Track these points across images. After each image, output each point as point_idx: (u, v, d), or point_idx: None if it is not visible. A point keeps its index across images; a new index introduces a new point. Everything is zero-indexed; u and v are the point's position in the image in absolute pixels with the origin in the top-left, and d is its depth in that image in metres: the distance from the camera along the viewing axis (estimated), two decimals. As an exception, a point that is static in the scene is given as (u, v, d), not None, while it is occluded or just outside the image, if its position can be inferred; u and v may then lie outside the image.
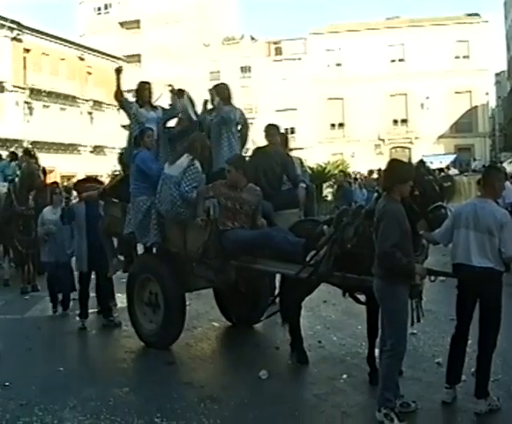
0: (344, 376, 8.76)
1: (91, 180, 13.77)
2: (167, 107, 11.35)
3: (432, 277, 7.52)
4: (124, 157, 11.65)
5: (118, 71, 11.41)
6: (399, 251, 6.74)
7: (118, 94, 11.27)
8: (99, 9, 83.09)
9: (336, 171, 32.45)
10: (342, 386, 8.50)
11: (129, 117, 11.24)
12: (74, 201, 13.13)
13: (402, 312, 7.01)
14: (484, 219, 7.28)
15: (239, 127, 11.10)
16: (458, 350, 7.64)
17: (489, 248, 7.24)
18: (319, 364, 9.45)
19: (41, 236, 13.33)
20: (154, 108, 11.25)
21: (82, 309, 12.28)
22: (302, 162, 12.47)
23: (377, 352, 8.54)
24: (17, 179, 17.36)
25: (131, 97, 11.45)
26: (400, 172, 7.13)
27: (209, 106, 11.17)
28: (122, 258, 11.90)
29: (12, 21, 57.63)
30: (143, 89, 11.34)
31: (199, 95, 11.37)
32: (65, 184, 16.96)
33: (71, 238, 12.66)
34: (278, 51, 75.15)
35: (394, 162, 7.66)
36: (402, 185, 6.99)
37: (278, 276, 10.53)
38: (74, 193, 15.51)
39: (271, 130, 11.13)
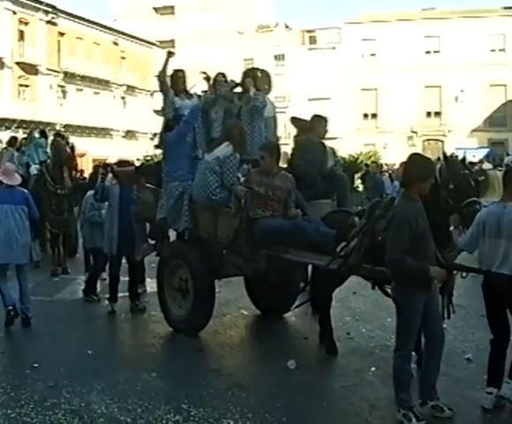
0: (373, 369, 8.72)
1: (126, 163, 13.76)
2: (201, 94, 11.30)
3: (464, 273, 7.42)
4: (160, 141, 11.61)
5: (170, 53, 11.29)
6: (410, 256, 6.51)
7: (162, 75, 11.17)
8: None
9: (369, 162, 32.32)
10: (371, 379, 8.45)
11: (165, 101, 11.16)
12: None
13: (414, 320, 6.82)
14: (509, 225, 7.02)
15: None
16: (497, 353, 7.44)
17: None
18: (347, 356, 9.40)
19: (83, 222, 13.28)
20: (190, 95, 11.20)
21: (112, 293, 12.34)
22: (334, 152, 12.41)
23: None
24: (48, 160, 17.46)
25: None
26: (420, 169, 6.80)
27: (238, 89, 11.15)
28: (152, 242, 11.90)
29: (47, 5, 58.10)
30: (177, 77, 11.26)
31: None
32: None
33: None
34: (312, 40, 74.85)
35: (414, 157, 7.25)
36: (421, 183, 6.71)
37: (310, 266, 10.49)
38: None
39: (320, 121, 11.04)
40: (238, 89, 11.30)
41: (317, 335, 9.78)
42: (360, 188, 30.96)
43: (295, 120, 11.89)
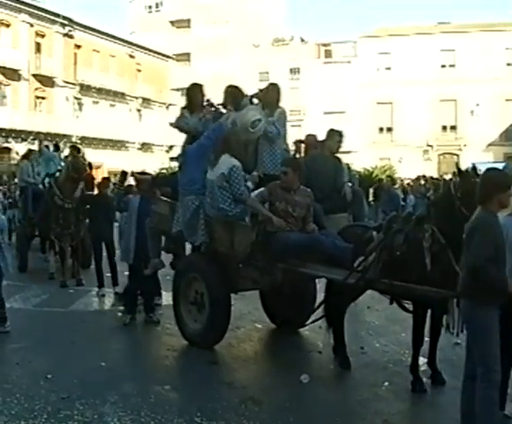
0: (386, 383, 8.69)
1: (146, 175, 13.82)
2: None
3: None
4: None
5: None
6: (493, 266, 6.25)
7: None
8: (150, 7, 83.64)
9: (384, 176, 32.20)
10: (384, 393, 8.42)
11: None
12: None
13: (493, 334, 6.38)
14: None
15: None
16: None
17: None
18: (361, 370, 9.37)
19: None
20: (204, 109, 11.19)
21: (127, 304, 12.36)
22: (349, 167, 12.39)
23: (421, 360, 8.50)
24: (58, 174, 17.51)
25: (179, 96, 11.44)
26: (498, 180, 6.56)
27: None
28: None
29: (64, 17, 58.46)
30: (195, 92, 11.27)
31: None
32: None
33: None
34: (328, 54, 74.91)
35: (489, 172, 6.88)
36: (501, 195, 6.46)
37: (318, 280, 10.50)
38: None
39: (335, 134, 11.02)
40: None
41: (330, 349, 9.76)
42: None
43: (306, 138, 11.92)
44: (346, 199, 10.43)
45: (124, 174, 15.58)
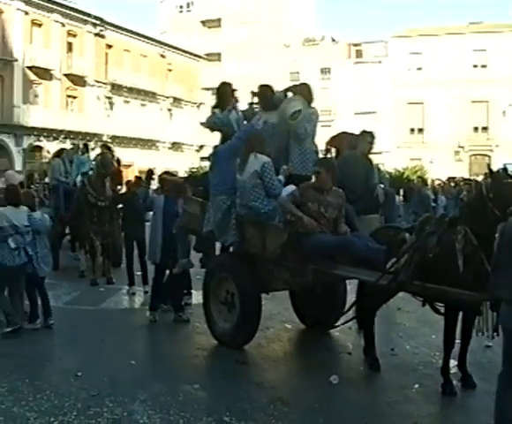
0: (416, 386, 8.63)
1: (171, 175, 13.86)
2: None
3: None
4: None
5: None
6: None
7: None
8: (181, 7, 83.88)
9: (415, 177, 32.05)
10: (414, 395, 8.36)
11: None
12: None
13: None
14: None
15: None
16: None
17: None
18: (391, 372, 9.31)
19: None
20: (235, 107, 11.20)
21: (153, 302, 12.46)
22: (379, 169, 12.32)
23: (452, 362, 8.43)
24: (91, 172, 17.65)
25: (210, 95, 11.49)
26: None
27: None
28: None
29: (96, 17, 58.84)
30: (225, 90, 11.27)
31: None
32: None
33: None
34: (359, 54, 74.64)
35: None
36: None
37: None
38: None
39: (368, 136, 10.96)
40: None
41: (360, 350, 9.71)
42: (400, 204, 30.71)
43: (334, 138, 11.86)
44: (378, 200, 10.36)
45: (150, 172, 15.64)
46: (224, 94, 11.14)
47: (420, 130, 70.52)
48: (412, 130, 70.76)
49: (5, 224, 11.07)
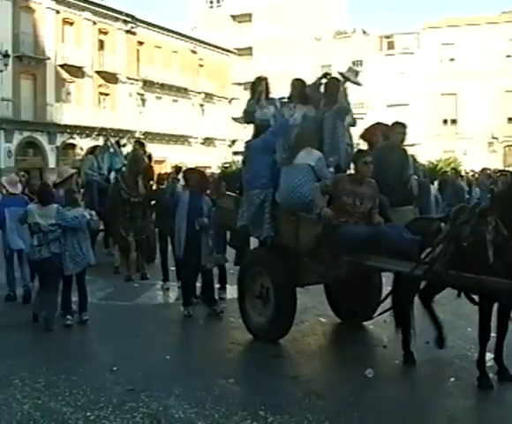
0: (452, 379, 8.57)
1: (198, 172, 13.89)
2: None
3: None
4: None
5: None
6: None
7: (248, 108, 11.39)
8: (211, 2, 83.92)
9: (448, 169, 31.80)
10: (450, 389, 8.30)
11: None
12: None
13: None
14: None
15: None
16: None
17: None
18: (426, 365, 9.26)
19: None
20: (271, 100, 11.19)
21: (184, 297, 12.57)
22: (415, 159, 12.22)
23: (488, 355, 8.35)
24: (124, 168, 17.79)
25: (241, 90, 11.52)
26: None
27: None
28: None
29: (127, 14, 59.12)
30: (261, 84, 11.27)
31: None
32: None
33: None
34: (390, 45, 74.19)
35: None
36: None
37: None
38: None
39: (399, 127, 10.89)
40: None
41: (395, 343, 9.63)
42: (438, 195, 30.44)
43: (367, 130, 11.80)
44: (412, 192, 10.28)
45: (178, 168, 15.73)
46: (259, 88, 11.18)
47: (453, 121, 69.92)
48: (445, 121, 70.19)
49: (32, 222, 11.51)
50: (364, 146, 11.61)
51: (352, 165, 10.12)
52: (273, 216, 10.13)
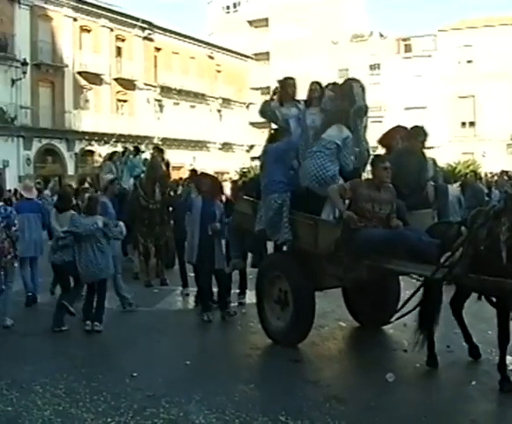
0: (473, 383, 8.53)
1: (211, 177, 13.97)
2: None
3: None
4: None
5: (275, 92, 11.57)
6: None
7: (263, 106, 11.49)
8: (227, 8, 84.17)
9: (467, 171, 31.66)
10: (471, 393, 8.27)
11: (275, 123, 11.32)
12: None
13: None
14: None
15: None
16: None
17: None
18: (447, 369, 9.23)
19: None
20: (297, 102, 11.20)
21: (202, 302, 12.73)
22: (435, 163, 12.18)
23: (509, 359, 8.31)
24: (142, 175, 17.86)
25: (259, 95, 11.54)
26: None
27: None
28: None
29: (144, 21, 59.23)
30: (287, 85, 11.30)
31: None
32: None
33: None
34: (407, 48, 74.03)
35: None
36: None
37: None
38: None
39: (419, 132, 10.86)
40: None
41: (416, 347, 9.57)
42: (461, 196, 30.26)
43: (386, 135, 11.77)
44: (428, 198, 10.24)
45: (193, 172, 15.81)
46: (286, 88, 11.23)
47: (472, 123, 69.58)
48: (463, 124, 69.89)
49: (51, 226, 12.19)
50: (381, 151, 11.57)
51: (369, 169, 10.09)
52: (291, 220, 10.12)
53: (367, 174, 10.42)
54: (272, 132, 11.37)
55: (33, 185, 15.16)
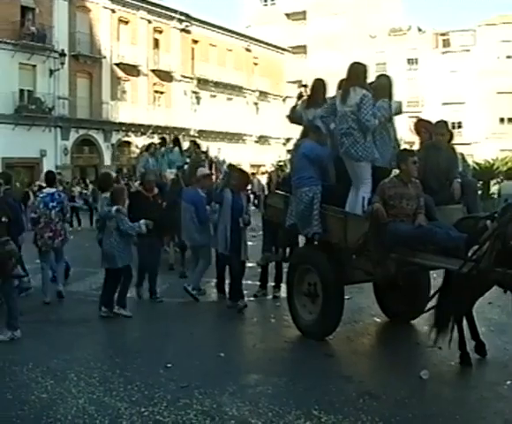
0: (508, 382, 8.40)
1: (236, 170, 14.13)
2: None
3: None
4: None
5: (300, 96, 11.52)
6: None
7: (291, 113, 11.54)
8: (265, 0, 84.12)
9: (505, 168, 31.34)
10: (506, 392, 8.15)
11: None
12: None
13: None
14: None
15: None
16: None
17: None
18: (481, 368, 9.15)
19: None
20: (325, 102, 11.16)
21: (235, 292, 12.80)
22: (464, 158, 12.09)
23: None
24: (185, 166, 17.88)
25: (296, 88, 11.55)
26: None
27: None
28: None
29: (181, 13, 59.50)
30: (317, 86, 11.30)
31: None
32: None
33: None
34: (446, 43, 73.51)
35: None
36: None
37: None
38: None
39: (442, 126, 10.80)
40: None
41: (451, 344, 9.48)
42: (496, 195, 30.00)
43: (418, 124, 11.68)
44: (454, 189, 10.15)
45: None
46: (315, 90, 11.23)
47: (510, 120, 68.92)
48: (502, 120, 69.26)
49: None
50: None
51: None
52: (321, 214, 10.14)
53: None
54: (305, 127, 11.36)
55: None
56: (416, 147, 11.23)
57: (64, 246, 13.89)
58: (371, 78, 10.97)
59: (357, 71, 10.03)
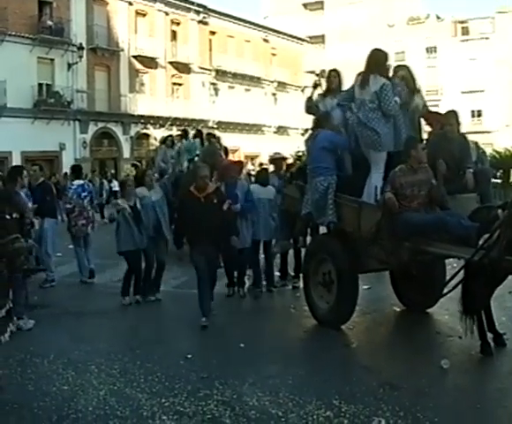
0: (529, 371, 8.41)
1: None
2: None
3: None
4: None
5: (315, 85, 11.55)
6: None
7: (307, 103, 11.59)
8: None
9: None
10: (526, 382, 8.15)
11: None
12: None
13: None
14: None
15: None
16: None
17: None
18: (502, 357, 9.12)
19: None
20: (341, 92, 11.16)
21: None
22: (478, 146, 12.02)
23: None
24: (197, 158, 17.87)
25: (313, 77, 11.54)
26: None
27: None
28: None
29: (199, 5, 59.49)
30: (332, 77, 11.31)
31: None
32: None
33: None
34: (465, 31, 73.14)
35: None
36: None
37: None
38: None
39: (451, 116, 10.75)
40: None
41: (472, 334, 9.45)
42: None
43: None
44: (466, 179, 10.10)
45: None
46: (331, 81, 11.29)
47: (530, 108, 68.44)
48: (522, 108, 68.76)
49: None
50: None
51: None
52: (336, 203, 10.18)
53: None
54: (317, 118, 11.36)
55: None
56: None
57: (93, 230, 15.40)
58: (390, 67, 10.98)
59: (377, 58, 10.04)
